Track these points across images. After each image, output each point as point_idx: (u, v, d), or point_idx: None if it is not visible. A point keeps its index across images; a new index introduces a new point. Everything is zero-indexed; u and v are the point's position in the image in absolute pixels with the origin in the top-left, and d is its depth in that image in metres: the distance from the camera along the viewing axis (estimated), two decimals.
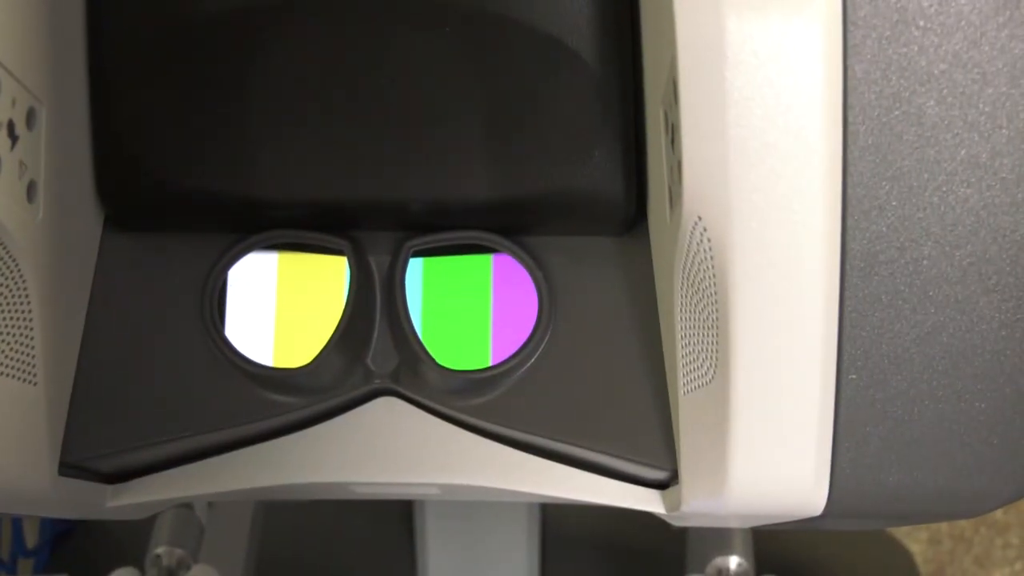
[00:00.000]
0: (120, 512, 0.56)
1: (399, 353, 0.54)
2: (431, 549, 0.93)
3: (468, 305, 0.55)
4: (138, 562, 0.82)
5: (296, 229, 0.54)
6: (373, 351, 0.54)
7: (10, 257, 0.46)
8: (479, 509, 0.93)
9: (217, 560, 0.85)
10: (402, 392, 0.54)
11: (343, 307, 0.54)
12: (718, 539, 0.86)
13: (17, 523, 1.02)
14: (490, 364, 0.54)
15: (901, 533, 1.36)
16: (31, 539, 1.06)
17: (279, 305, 0.55)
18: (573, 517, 1.09)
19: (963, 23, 0.42)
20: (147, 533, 0.87)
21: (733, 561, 0.84)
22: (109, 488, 0.55)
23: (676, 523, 0.57)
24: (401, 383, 0.54)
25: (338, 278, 0.55)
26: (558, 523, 1.05)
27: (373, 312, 0.55)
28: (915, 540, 1.38)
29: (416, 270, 0.55)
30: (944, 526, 1.41)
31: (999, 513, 1.40)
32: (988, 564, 1.38)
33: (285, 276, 0.55)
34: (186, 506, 0.88)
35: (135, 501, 0.55)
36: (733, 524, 0.55)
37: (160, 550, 0.84)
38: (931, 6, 0.42)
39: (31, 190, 0.48)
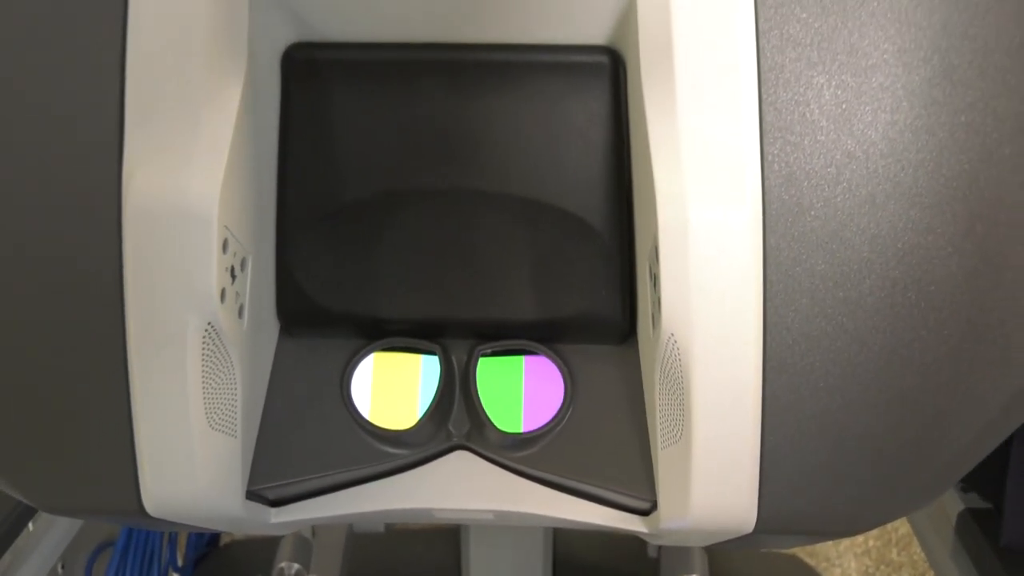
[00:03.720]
0: (279, 528, 0.56)
1: (470, 421, 0.54)
2: (473, 564, 0.89)
3: (507, 390, 0.54)
4: (265, 573, 0.82)
5: (405, 337, 0.55)
6: (453, 419, 0.55)
7: (227, 353, 0.49)
8: (509, 535, 0.90)
9: (324, 572, 0.84)
10: (472, 448, 0.55)
11: (419, 389, 0.54)
12: (683, 561, 0.84)
13: (172, 545, 1.00)
14: (522, 430, 0.53)
15: (820, 569, 1.33)
16: (180, 558, 1.04)
17: (374, 387, 0.54)
18: (576, 546, 1.06)
19: (839, 212, 0.45)
20: (269, 553, 0.87)
21: None
22: (273, 510, 0.55)
23: (653, 541, 0.56)
24: (472, 441, 0.54)
25: (413, 371, 0.55)
26: (564, 550, 1.02)
27: (453, 393, 0.55)
28: None
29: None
30: (853, 564, 1.37)
31: (895, 554, 1.37)
32: None
33: (378, 368, 0.55)
34: (301, 532, 0.86)
35: (290, 519, 0.55)
36: (694, 541, 0.54)
37: (283, 564, 0.83)
38: (818, 202, 0.45)
39: (240, 310, 0.50)
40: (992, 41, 0.44)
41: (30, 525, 0.86)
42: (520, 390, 0.54)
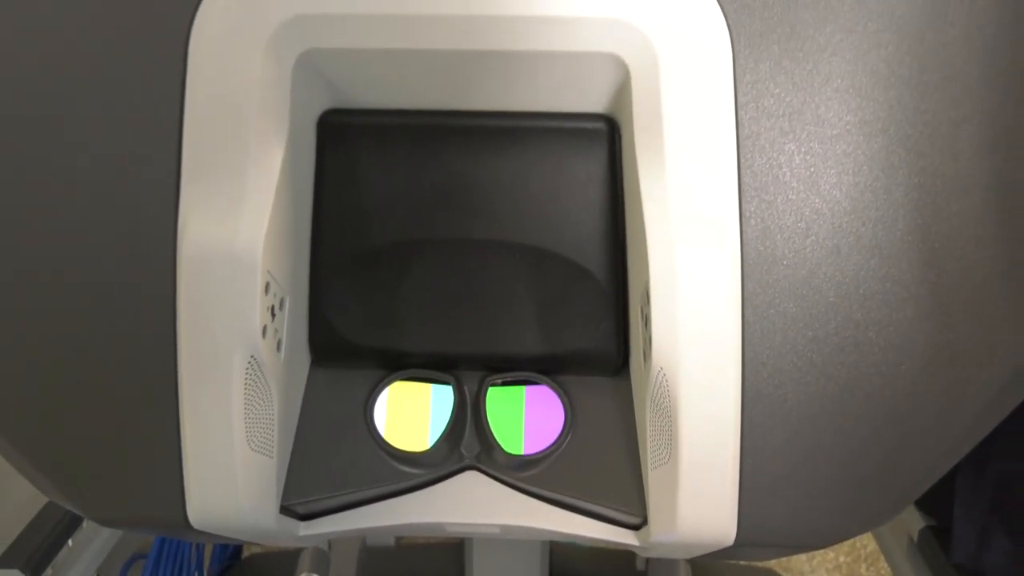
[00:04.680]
0: (306, 540, 0.56)
1: (480, 444, 0.55)
2: (476, 574, 0.88)
3: (510, 416, 0.54)
4: None
5: (422, 368, 0.55)
6: (464, 443, 0.55)
7: (266, 383, 0.49)
8: (509, 547, 0.89)
9: None
10: (481, 468, 0.55)
11: (430, 414, 0.54)
12: (668, 573, 0.85)
13: (199, 557, 0.99)
14: (523, 453, 0.53)
15: None
16: (206, 570, 1.02)
17: (391, 413, 0.54)
18: (570, 558, 1.04)
19: (808, 262, 0.46)
20: (289, 565, 0.86)
21: None
22: (302, 523, 0.55)
23: (643, 554, 0.55)
24: (481, 462, 0.55)
25: (424, 399, 0.55)
26: (559, 562, 1.01)
27: (465, 419, 0.55)
28: None
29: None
30: None
31: (863, 569, 1.37)
32: None
33: (394, 396, 0.55)
34: (320, 545, 0.86)
35: (317, 532, 0.55)
36: (680, 553, 0.53)
37: (303, 574, 0.83)
38: (790, 252, 0.46)
39: (279, 345, 0.50)
40: (940, 114, 0.46)
41: (70, 541, 0.87)
42: (522, 416, 0.55)
